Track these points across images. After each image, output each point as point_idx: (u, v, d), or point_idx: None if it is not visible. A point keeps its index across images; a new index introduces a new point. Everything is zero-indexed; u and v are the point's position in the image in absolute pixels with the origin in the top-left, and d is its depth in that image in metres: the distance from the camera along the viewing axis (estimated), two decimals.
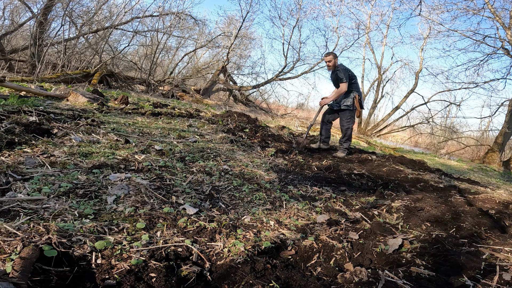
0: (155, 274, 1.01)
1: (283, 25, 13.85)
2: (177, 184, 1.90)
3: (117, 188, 1.63)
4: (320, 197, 2.23)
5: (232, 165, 2.61)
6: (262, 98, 15.09)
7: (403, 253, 1.51)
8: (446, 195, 2.66)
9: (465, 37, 10.97)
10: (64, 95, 4.64)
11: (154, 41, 10.96)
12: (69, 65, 8.89)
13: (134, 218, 1.38)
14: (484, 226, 1.81)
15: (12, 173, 1.60)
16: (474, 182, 3.71)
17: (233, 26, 14.10)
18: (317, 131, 7.25)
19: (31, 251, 0.93)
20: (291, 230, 1.59)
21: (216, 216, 1.57)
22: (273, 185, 2.30)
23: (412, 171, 3.72)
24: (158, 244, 1.19)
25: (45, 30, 8.65)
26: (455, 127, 15.28)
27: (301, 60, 13.53)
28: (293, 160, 3.33)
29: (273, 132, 5.25)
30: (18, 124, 2.44)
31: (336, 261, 1.38)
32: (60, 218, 1.26)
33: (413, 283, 1.22)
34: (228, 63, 13.42)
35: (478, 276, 1.29)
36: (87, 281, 0.94)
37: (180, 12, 11.23)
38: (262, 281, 1.09)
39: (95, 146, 2.39)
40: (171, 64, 14.84)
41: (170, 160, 2.36)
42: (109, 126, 3.14)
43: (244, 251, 1.26)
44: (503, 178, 5.58)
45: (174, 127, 3.93)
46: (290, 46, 13.24)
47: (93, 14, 9.79)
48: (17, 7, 9.99)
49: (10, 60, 8.32)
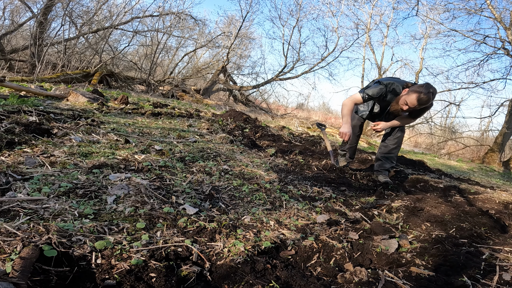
0: (155, 274, 1.01)
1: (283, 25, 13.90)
2: (177, 184, 1.90)
3: (117, 188, 1.63)
4: (320, 197, 2.23)
5: (232, 165, 2.61)
6: (262, 98, 15.10)
7: (403, 253, 1.51)
8: (446, 195, 2.66)
9: (465, 37, 10.97)
10: (64, 95, 4.63)
11: (154, 41, 10.96)
12: (69, 65, 8.89)
13: (134, 218, 1.38)
14: (484, 226, 1.81)
15: (12, 173, 1.60)
16: (474, 182, 3.71)
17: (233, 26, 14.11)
18: (318, 131, 7.24)
19: (31, 251, 0.93)
20: (291, 230, 1.59)
21: (216, 216, 1.57)
22: (273, 185, 2.30)
23: (412, 171, 3.73)
24: (158, 244, 1.19)
25: (45, 30, 8.64)
26: (454, 127, 15.29)
27: (301, 60, 13.55)
28: (293, 160, 3.33)
29: (273, 132, 5.25)
30: (18, 124, 2.44)
31: (336, 261, 1.38)
32: (60, 218, 1.26)
33: (413, 283, 1.22)
34: (228, 63, 13.43)
35: (478, 276, 1.29)
36: (87, 281, 0.94)
37: (180, 12, 11.24)
38: (262, 281, 1.09)
39: (95, 146, 2.39)
40: (171, 64, 14.84)
41: (170, 160, 2.36)
42: (109, 126, 3.14)
43: (244, 251, 1.26)
44: (503, 178, 5.58)
45: (174, 127, 3.93)
46: (290, 46, 13.26)
47: (93, 14, 9.78)
48: (17, 7, 9.99)
49: (10, 60, 8.32)
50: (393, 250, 1.50)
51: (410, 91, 2.65)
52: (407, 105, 2.65)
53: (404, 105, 2.67)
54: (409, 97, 2.63)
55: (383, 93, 2.86)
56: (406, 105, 2.66)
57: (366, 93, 2.87)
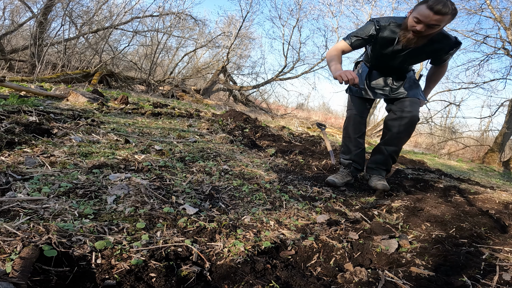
0: (155, 274, 1.01)
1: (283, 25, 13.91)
2: (177, 184, 1.90)
3: (117, 188, 1.63)
4: (320, 197, 2.23)
5: (232, 165, 2.61)
6: (262, 98, 15.11)
7: (403, 253, 1.51)
8: (446, 195, 2.66)
9: (465, 37, 10.97)
10: (64, 95, 4.63)
11: (154, 41, 10.96)
12: (69, 65, 8.89)
13: (134, 218, 1.37)
14: (484, 226, 1.81)
15: (12, 173, 1.60)
16: (474, 182, 3.71)
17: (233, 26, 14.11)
18: (318, 131, 7.22)
19: (31, 251, 0.93)
20: (291, 230, 1.59)
21: (216, 216, 1.57)
22: (273, 185, 2.30)
23: (412, 171, 3.73)
24: (158, 244, 1.19)
25: (45, 30, 8.65)
26: (454, 127, 15.29)
27: (301, 60, 13.56)
28: (293, 160, 3.33)
29: (273, 132, 5.25)
30: (18, 124, 2.44)
31: (336, 261, 1.38)
32: (60, 218, 1.26)
33: (413, 283, 1.22)
34: (228, 63, 13.43)
35: (478, 276, 1.29)
36: (87, 281, 0.94)
37: (180, 12, 11.24)
38: (262, 281, 1.08)
39: (95, 146, 2.39)
40: (171, 64, 14.84)
41: (170, 160, 2.36)
42: (109, 126, 3.14)
43: (244, 251, 1.26)
44: (503, 178, 5.58)
45: (174, 127, 3.92)
46: (290, 46, 13.26)
47: (93, 14, 9.79)
48: (17, 7, 9.99)
49: (10, 60, 8.32)
50: (393, 250, 1.50)
51: (416, 7, 2.01)
52: (420, 22, 1.97)
53: (416, 24, 1.99)
54: (418, 11, 1.97)
55: (375, 30, 2.18)
56: (419, 21, 1.97)
57: (353, 35, 2.23)
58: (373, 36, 2.21)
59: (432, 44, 2.15)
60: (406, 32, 2.11)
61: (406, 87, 2.42)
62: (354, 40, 2.24)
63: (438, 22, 1.94)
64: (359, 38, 2.22)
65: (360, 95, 2.53)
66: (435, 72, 2.46)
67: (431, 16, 1.92)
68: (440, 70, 2.44)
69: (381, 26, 2.19)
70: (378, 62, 2.46)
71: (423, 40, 2.10)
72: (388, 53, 2.29)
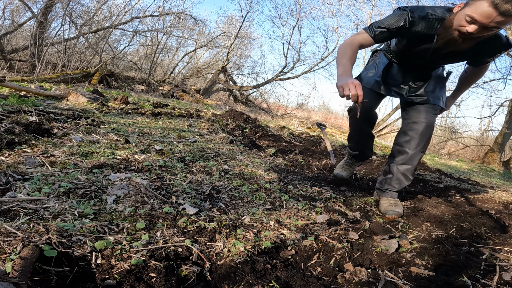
0: (155, 274, 1.01)
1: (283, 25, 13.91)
2: (177, 184, 1.90)
3: (117, 188, 1.63)
4: (320, 197, 2.23)
5: (232, 165, 2.61)
6: (262, 98, 15.11)
7: (403, 253, 1.51)
8: (446, 195, 2.66)
9: None
10: (64, 95, 4.63)
11: (154, 41, 10.96)
12: (69, 65, 8.89)
13: (134, 218, 1.37)
14: (484, 226, 1.81)
15: (12, 173, 1.60)
16: (474, 182, 3.71)
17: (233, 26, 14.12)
18: (318, 131, 7.22)
19: (31, 251, 0.93)
20: (291, 230, 1.59)
21: (216, 216, 1.57)
22: (273, 185, 2.30)
23: None
24: (158, 244, 1.19)
25: (45, 30, 8.65)
26: (454, 127, 15.28)
27: (301, 60, 13.56)
28: (293, 160, 3.33)
29: (273, 132, 5.25)
30: (18, 124, 2.44)
31: (336, 261, 1.38)
32: (60, 218, 1.26)
33: (413, 283, 1.22)
34: (228, 63, 13.43)
35: (478, 276, 1.29)
36: (87, 281, 0.94)
37: (180, 12, 11.24)
38: (262, 281, 1.08)
39: (95, 146, 2.39)
40: (171, 64, 14.84)
41: (170, 160, 2.36)
42: (109, 126, 3.14)
43: (244, 251, 1.26)
44: (503, 178, 5.58)
45: (174, 127, 3.93)
46: (290, 46, 13.27)
47: (93, 14, 9.79)
48: (17, 7, 9.99)
49: (10, 60, 8.32)
50: (393, 250, 1.50)
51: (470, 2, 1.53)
52: (475, 22, 1.50)
53: (469, 24, 1.52)
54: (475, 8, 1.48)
55: (408, 22, 1.71)
56: (473, 21, 1.50)
57: (378, 26, 1.76)
58: (404, 28, 1.74)
59: (477, 44, 1.68)
60: (449, 31, 1.65)
61: (429, 90, 2.01)
62: (378, 32, 1.76)
63: (500, 25, 1.47)
64: (385, 30, 1.75)
65: (373, 88, 2.15)
66: (473, 73, 2.02)
67: (494, 16, 1.44)
68: (479, 72, 2.01)
69: (415, 18, 1.72)
70: (402, 58, 2.04)
71: (470, 42, 1.65)
72: (418, 51, 1.86)
